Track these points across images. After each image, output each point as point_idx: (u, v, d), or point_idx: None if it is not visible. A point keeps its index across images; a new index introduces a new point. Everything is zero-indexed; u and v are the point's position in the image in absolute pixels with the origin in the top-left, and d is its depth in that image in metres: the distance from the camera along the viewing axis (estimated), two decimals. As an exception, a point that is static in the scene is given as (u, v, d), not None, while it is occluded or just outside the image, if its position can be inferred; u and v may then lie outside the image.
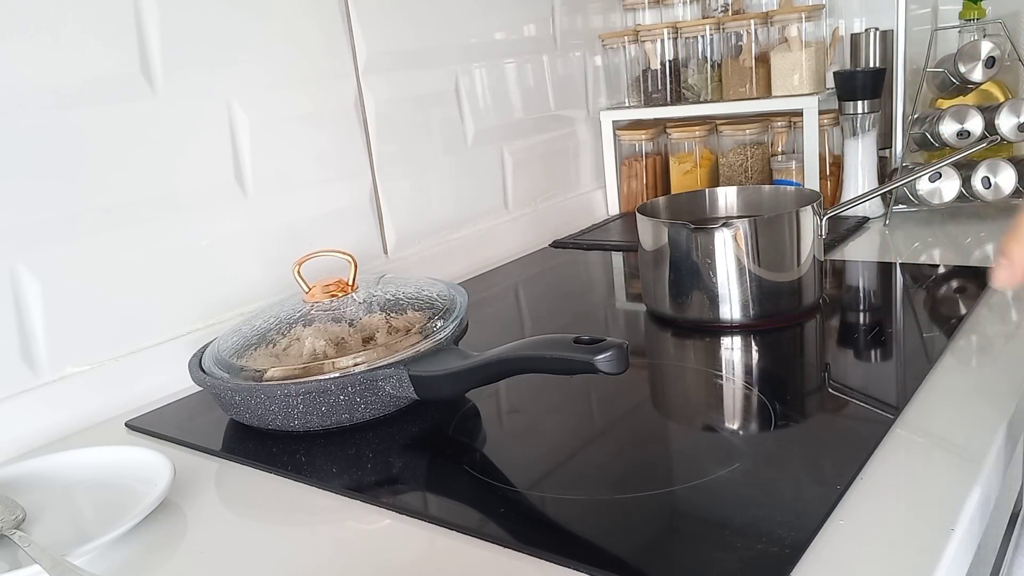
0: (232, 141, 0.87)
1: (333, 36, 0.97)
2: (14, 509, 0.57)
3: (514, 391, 0.72)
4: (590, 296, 1.03)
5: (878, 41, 1.20)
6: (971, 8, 1.17)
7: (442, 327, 0.70)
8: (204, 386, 0.69)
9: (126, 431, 0.74)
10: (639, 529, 0.50)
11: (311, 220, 0.96)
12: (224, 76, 0.86)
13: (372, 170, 1.03)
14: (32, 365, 0.73)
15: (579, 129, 1.39)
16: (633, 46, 1.39)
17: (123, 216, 0.78)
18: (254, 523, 0.57)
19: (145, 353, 0.80)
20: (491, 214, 1.22)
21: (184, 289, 0.84)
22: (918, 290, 0.89)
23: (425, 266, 1.07)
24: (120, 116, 0.78)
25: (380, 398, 0.66)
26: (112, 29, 0.76)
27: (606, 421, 0.66)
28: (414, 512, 0.54)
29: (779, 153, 1.32)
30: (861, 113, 1.15)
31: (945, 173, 1.08)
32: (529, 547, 0.49)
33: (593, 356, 0.55)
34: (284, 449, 0.65)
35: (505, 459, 0.61)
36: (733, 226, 0.79)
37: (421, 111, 1.09)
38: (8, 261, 0.71)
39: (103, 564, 0.52)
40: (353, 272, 0.75)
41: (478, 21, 1.17)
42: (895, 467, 0.53)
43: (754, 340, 0.79)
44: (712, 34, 1.33)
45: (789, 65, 1.24)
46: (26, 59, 0.71)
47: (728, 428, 0.63)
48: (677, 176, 1.38)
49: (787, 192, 0.93)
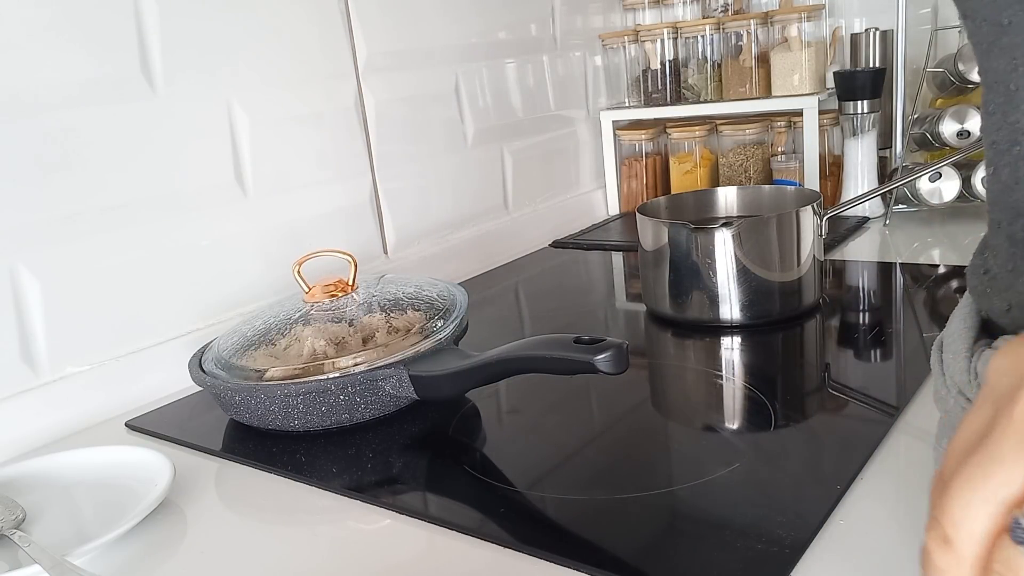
0: (232, 141, 0.87)
1: (333, 36, 0.97)
2: (14, 509, 0.57)
3: (514, 391, 0.72)
4: (590, 296, 1.03)
5: (878, 41, 1.20)
6: (971, 8, 1.17)
7: (442, 327, 0.70)
8: (204, 386, 0.69)
9: (126, 431, 0.74)
10: (639, 529, 0.50)
11: (311, 220, 0.96)
12: (224, 76, 0.86)
13: (372, 170, 1.03)
14: (32, 365, 0.73)
15: (579, 129, 1.39)
16: (633, 46, 1.39)
17: (123, 216, 0.78)
18: (254, 523, 0.57)
19: (145, 353, 0.80)
20: (491, 214, 1.22)
21: (184, 289, 0.84)
22: (918, 290, 0.89)
23: (425, 266, 1.07)
24: (120, 117, 0.78)
25: (380, 398, 0.66)
26: (112, 30, 0.76)
27: (606, 421, 0.66)
28: (414, 512, 0.54)
29: (779, 153, 1.32)
30: (861, 113, 1.15)
31: (945, 173, 1.08)
32: (529, 547, 0.49)
33: (593, 356, 0.55)
34: (284, 449, 0.65)
35: (505, 459, 0.61)
36: (733, 226, 0.79)
37: (421, 111, 1.09)
38: (8, 261, 0.71)
39: (103, 564, 0.52)
40: (353, 272, 0.75)
41: (478, 21, 1.17)
42: (895, 467, 0.53)
43: (754, 340, 0.79)
44: (712, 34, 1.33)
45: (789, 65, 1.24)
46: (26, 59, 0.71)
47: (728, 428, 0.63)
48: (677, 176, 1.38)
49: (787, 192, 0.93)
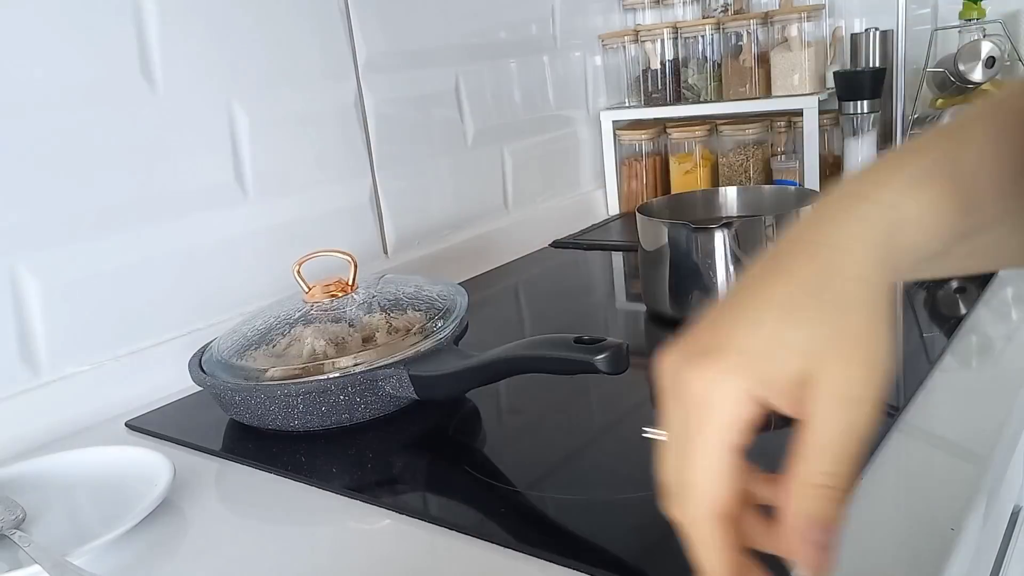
0: (232, 141, 0.87)
1: (333, 36, 0.97)
2: (14, 509, 0.57)
3: (514, 391, 0.72)
4: (590, 296, 1.03)
5: (878, 41, 1.20)
6: (971, 8, 1.17)
7: (442, 327, 0.70)
8: (204, 386, 0.69)
9: (126, 431, 0.74)
10: (639, 529, 0.49)
11: (311, 220, 0.96)
12: (224, 76, 0.86)
13: (372, 170, 1.03)
14: (32, 365, 0.73)
15: (579, 129, 1.39)
16: (633, 46, 1.39)
17: (123, 216, 0.78)
18: (254, 523, 0.57)
19: (145, 353, 0.80)
20: (491, 214, 1.22)
21: (184, 289, 0.84)
22: (918, 290, 0.89)
23: (425, 266, 1.07)
24: (120, 117, 0.78)
25: (380, 398, 0.66)
26: (112, 30, 0.76)
27: (606, 421, 0.66)
28: (414, 512, 0.54)
29: (779, 153, 1.32)
30: (861, 113, 1.15)
31: (945, 173, 1.08)
32: (529, 547, 0.49)
33: (593, 356, 0.55)
34: (284, 449, 0.65)
35: (505, 459, 0.61)
36: (733, 226, 0.79)
37: (421, 111, 1.09)
38: (8, 261, 0.71)
39: (103, 564, 0.52)
40: (353, 272, 0.75)
41: (478, 21, 1.17)
42: (895, 467, 0.53)
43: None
44: (712, 34, 1.33)
45: (789, 65, 1.24)
46: (26, 59, 0.71)
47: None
48: (677, 176, 1.38)
49: (787, 192, 0.93)
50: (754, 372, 0.30)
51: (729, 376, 0.30)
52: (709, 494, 0.31)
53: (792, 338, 0.30)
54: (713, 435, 0.31)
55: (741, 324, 0.31)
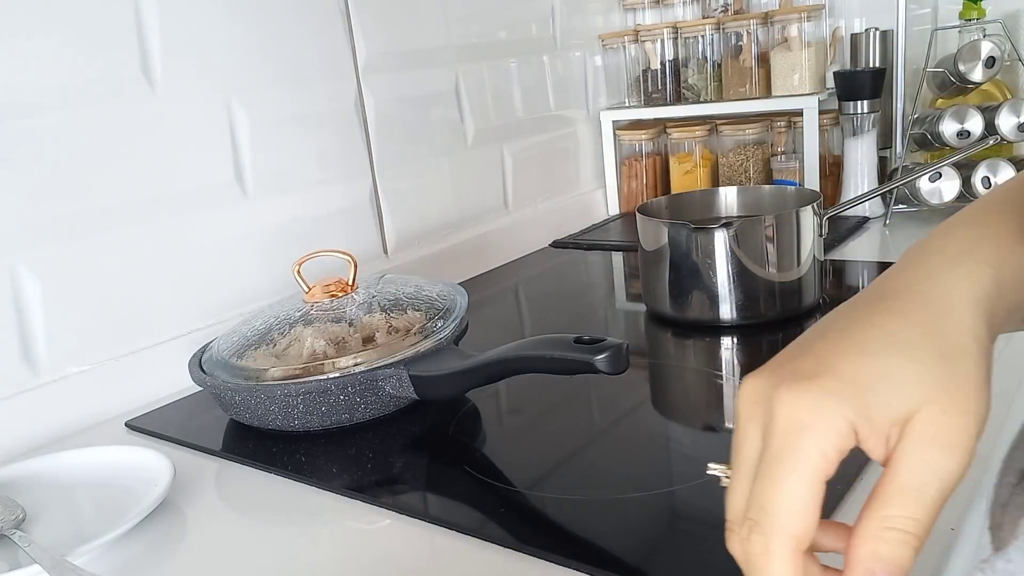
0: (232, 141, 0.87)
1: (333, 36, 0.97)
2: (14, 509, 0.57)
3: (514, 391, 0.72)
4: (590, 296, 1.03)
5: (878, 41, 1.20)
6: (971, 8, 1.17)
7: (442, 327, 0.70)
8: (204, 386, 0.69)
9: (126, 431, 0.74)
10: (639, 529, 0.50)
11: (311, 220, 0.96)
12: (224, 76, 0.86)
13: (372, 170, 1.03)
14: (32, 365, 0.73)
15: (579, 129, 1.39)
16: (633, 46, 1.39)
17: (123, 216, 0.78)
18: (254, 523, 0.57)
19: (145, 353, 0.80)
20: (491, 214, 1.22)
21: (184, 289, 0.84)
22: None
23: (425, 266, 1.07)
24: (120, 116, 0.78)
25: (380, 398, 0.66)
26: (112, 29, 0.76)
27: (606, 421, 0.66)
28: (414, 512, 0.54)
29: (779, 153, 1.32)
30: (861, 113, 1.15)
31: (945, 173, 1.08)
32: (529, 547, 0.49)
33: (593, 356, 0.55)
34: (284, 449, 0.65)
35: (505, 459, 0.61)
36: (733, 226, 0.79)
37: (421, 111, 1.09)
38: (8, 261, 0.71)
39: (103, 564, 0.52)
40: (353, 272, 0.75)
41: (478, 21, 1.17)
42: (895, 467, 0.53)
43: (754, 340, 0.79)
44: (712, 34, 1.33)
45: (789, 65, 1.24)
46: (26, 59, 0.71)
47: (728, 428, 0.63)
48: (677, 176, 1.38)
49: (787, 192, 0.93)
50: (860, 401, 0.29)
51: (833, 402, 0.29)
52: (793, 523, 0.29)
53: (902, 374, 0.30)
54: (807, 460, 0.29)
55: (850, 353, 0.30)
